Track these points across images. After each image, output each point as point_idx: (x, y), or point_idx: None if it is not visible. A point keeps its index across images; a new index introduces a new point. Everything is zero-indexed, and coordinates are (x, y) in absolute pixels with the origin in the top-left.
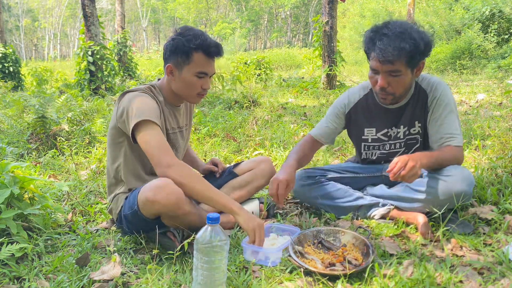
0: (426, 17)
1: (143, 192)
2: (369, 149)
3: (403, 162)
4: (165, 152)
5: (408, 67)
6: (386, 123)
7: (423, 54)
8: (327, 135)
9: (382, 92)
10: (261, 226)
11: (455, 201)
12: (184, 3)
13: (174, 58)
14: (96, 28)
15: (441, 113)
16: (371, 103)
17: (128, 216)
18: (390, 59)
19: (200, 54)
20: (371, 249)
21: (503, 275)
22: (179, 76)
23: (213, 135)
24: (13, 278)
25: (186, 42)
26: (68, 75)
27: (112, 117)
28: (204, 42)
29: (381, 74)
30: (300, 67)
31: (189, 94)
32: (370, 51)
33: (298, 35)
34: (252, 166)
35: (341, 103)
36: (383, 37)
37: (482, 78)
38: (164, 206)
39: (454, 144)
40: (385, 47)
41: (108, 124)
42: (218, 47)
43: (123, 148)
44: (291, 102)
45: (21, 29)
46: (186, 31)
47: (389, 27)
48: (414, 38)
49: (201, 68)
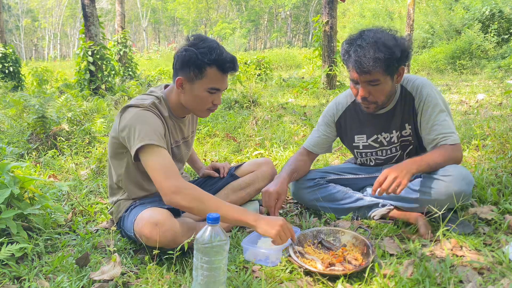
0: (426, 17)
1: (139, 225)
2: (362, 156)
3: (383, 176)
4: (170, 177)
5: (386, 75)
6: (375, 129)
7: (400, 60)
8: (320, 145)
9: (364, 102)
10: (283, 226)
11: (455, 201)
12: (184, 3)
13: (186, 70)
14: (96, 28)
15: (431, 115)
16: (359, 110)
17: (127, 234)
18: (366, 70)
19: (215, 70)
20: (371, 249)
21: (503, 275)
22: (190, 90)
23: (213, 135)
24: (13, 278)
25: (200, 56)
26: (68, 75)
27: (114, 128)
28: (219, 57)
29: (360, 85)
30: (300, 67)
31: (199, 108)
32: (348, 63)
33: (298, 35)
34: (253, 168)
35: (330, 112)
36: (358, 48)
37: (482, 78)
38: (160, 242)
39: (449, 143)
40: (360, 58)
41: (108, 124)
42: (234, 62)
43: (125, 159)
44: (291, 102)
45: (21, 29)
46: (200, 42)
47: (363, 37)
48: (389, 46)
49: (214, 84)
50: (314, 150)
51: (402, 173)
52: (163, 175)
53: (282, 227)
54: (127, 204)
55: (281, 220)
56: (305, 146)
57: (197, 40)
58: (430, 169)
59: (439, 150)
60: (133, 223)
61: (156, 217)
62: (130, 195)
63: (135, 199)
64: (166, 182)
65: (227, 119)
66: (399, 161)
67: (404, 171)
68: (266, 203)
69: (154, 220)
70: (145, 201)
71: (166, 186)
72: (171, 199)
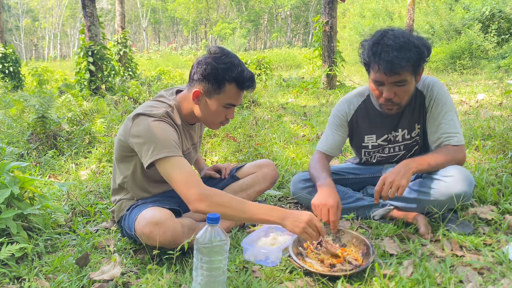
0: (426, 17)
1: (140, 224)
2: (369, 154)
3: (381, 183)
4: (192, 186)
5: (412, 75)
6: (386, 128)
7: (425, 60)
8: (336, 147)
9: (389, 103)
10: (309, 222)
11: (455, 201)
12: (184, 3)
13: (204, 83)
14: (96, 28)
15: (439, 113)
16: (370, 110)
17: (128, 233)
18: (397, 70)
19: (234, 86)
20: (371, 249)
21: (503, 275)
22: (206, 103)
23: (213, 135)
24: (13, 278)
25: (221, 71)
26: (68, 75)
27: (124, 132)
28: (240, 74)
29: (386, 86)
30: (300, 67)
31: (212, 121)
32: (374, 63)
33: (298, 35)
34: (254, 169)
35: (342, 111)
36: (388, 49)
37: (482, 78)
38: (160, 242)
39: (453, 144)
40: (392, 59)
41: (108, 124)
42: (253, 80)
43: (133, 162)
44: (291, 102)
45: (21, 29)
46: (223, 56)
47: (390, 37)
48: (418, 45)
49: (231, 100)
50: (332, 153)
51: (399, 175)
52: (185, 185)
53: (308, 224)
54: (130, 203)
55: (307, 216)
56: (321, 150)
57: (220, 54)
58: (430, 169)
59: (442, 151)
60: (134, 221)
61: (157, 217)
62: (133, 196)
63: (137, 199)
64: (189, 191)
65: None
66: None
67: (401, 172)
68: (326, 217)
69: (155, 220)
70: (147, 200)
71: (190, 195)
72: (196, 208)
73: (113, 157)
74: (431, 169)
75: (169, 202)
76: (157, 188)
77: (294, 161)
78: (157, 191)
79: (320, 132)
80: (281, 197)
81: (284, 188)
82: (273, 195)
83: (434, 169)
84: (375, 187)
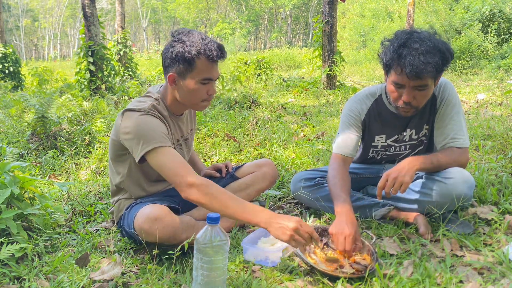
0: (426, 17)
1: (139, 221)
2: (377, 152)
3: (384, 179)
4: (184, 173)
5: (433, 80)
6: (396, 129)
7: (448, 65)
8: (354, 148)
9: (407, 106)
10: (296, 229)
11: (455, 202)
12: (184, 3)
13: (176, 66)
14: (96, 28)
15: (448, 114)
16: (382, 110)
17: (127, 232)
18: (421, 75)
19: (203, 60)
20: (375, 256)
21: (503, 275)
22: (183, 84)
23: (213, 135)
24: (13, 278)
25: (187, 49)
26: (68, 75)
27: (115, 131)
28: (205, 46)
29: (407, 89)
30: (300, 67)
31: (195, 102)
32: (397, 66)
33: (298, 35)
34: (254, 169)
35: (355, 111)
36: (414, 52)
37: (482, 78)
38: (160, 238)
39: (457, 146)
40: (418, 63)
41: (108, 124)
42: (221, 49)
43: (128, 160)
44: (291, 102)
45: (21, 29)
46: (184, 35)
47: (416, 40)
48: (443, 51)
49: (205, 74)
50: (352, 155)
51: (402, 172)
52: (176, 171)
53: (296, 231)
54: (128, 202)
55: (295, 222)
56: (341, 153)
57: (181, 34)
58: (433, 168)
59: (446, 151)
60: (134, 219)
61: (156, 213)
62: (131, 195)
63: (136, 199)
64: (181, 178)
65: (227, 119)
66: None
67: (404, 169)
68: (342, 246)
69: (154, 215)
70: (146, 199)
71: (181, 182)
72: (187, 195)
73: (108, 158)
74: (434, 169)
75: (168, 201)
76: (154, 187)
77: (294, 161)
78: (155, 190)
79: (320, 132)
80: (281, 197)
81: (284, 188)
82: (273, 195)
83: (437, 169)
84: (376, 186)
